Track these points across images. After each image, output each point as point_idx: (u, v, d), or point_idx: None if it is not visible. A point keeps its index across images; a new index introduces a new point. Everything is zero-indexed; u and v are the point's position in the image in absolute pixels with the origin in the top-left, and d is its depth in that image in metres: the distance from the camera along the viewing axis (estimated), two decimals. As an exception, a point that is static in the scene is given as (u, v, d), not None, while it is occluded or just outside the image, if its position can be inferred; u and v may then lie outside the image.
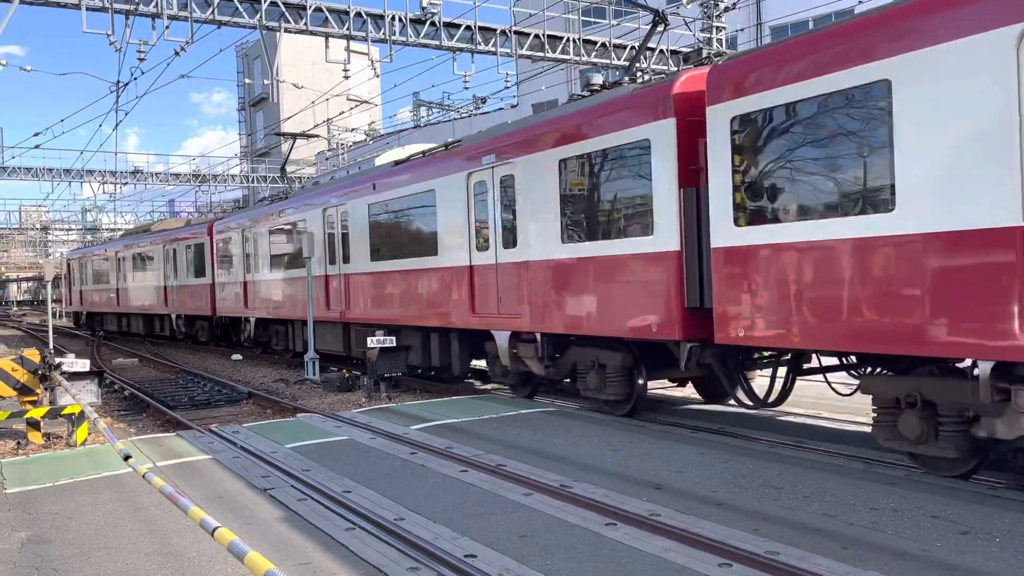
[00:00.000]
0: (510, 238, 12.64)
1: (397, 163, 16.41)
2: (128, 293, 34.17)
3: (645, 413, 11.84)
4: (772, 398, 9.94)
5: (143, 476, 6.65)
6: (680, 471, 8.08)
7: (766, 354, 10.22)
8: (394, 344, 15.23)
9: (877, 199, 7.49)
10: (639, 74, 22.27)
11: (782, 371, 10.04)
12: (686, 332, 9.79)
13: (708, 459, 8.51)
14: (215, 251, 25.43)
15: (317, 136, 27.68)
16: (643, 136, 10.20)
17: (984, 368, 6.83)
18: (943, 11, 6.92)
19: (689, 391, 13.87)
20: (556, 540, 6.18)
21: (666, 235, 9.92)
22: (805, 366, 10.05)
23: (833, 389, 9.40)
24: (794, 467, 8.04)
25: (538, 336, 12.37)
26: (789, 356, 9.83)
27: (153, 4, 17.62)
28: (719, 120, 8.97)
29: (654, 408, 12.63)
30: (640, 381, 11.48)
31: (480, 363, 15.90)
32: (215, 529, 4.70)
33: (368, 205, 16.89)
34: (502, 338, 13.12)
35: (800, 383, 10.33)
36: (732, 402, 11.10)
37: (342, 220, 17.94)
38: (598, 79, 12.57)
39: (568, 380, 12.72)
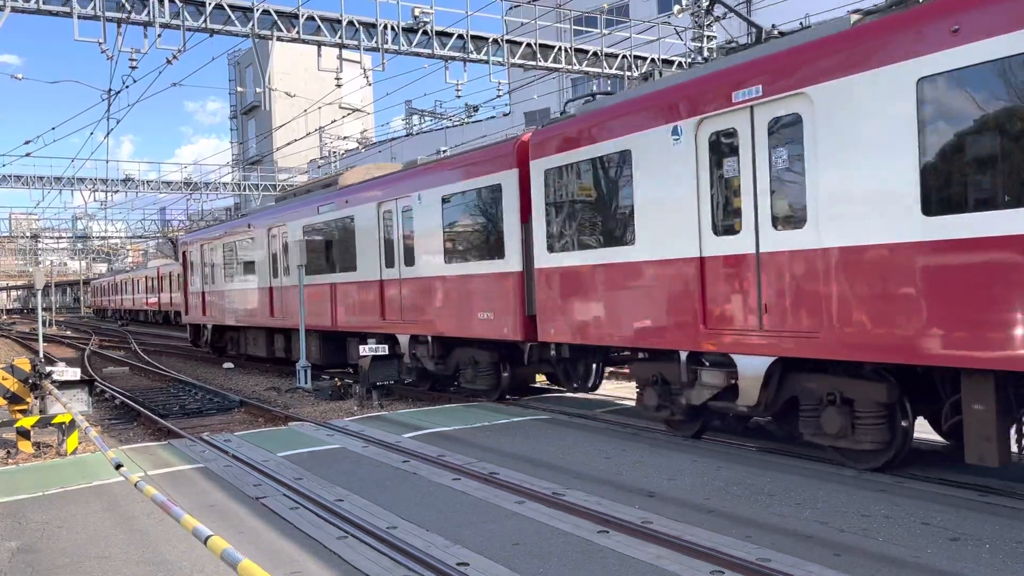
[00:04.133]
0: None
1: None
2: (292, 296, 19.54)
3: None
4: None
5: (135, 485, 6.63)
6: (672, 478, 8.10)
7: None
8: (386, 352, 15.22)
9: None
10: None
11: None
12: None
13: (700, 466, 8.54)
14: (543, 197, 11.66)
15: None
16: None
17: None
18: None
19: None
20: (549, 548, 6.18)
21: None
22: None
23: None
24: (786, 474, 8.07)
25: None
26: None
27: (145, 12, 17.63)
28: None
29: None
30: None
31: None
32: (208, 538, 4.69)
33: None
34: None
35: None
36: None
37: None
38: None
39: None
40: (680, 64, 23.26)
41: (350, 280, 17.26)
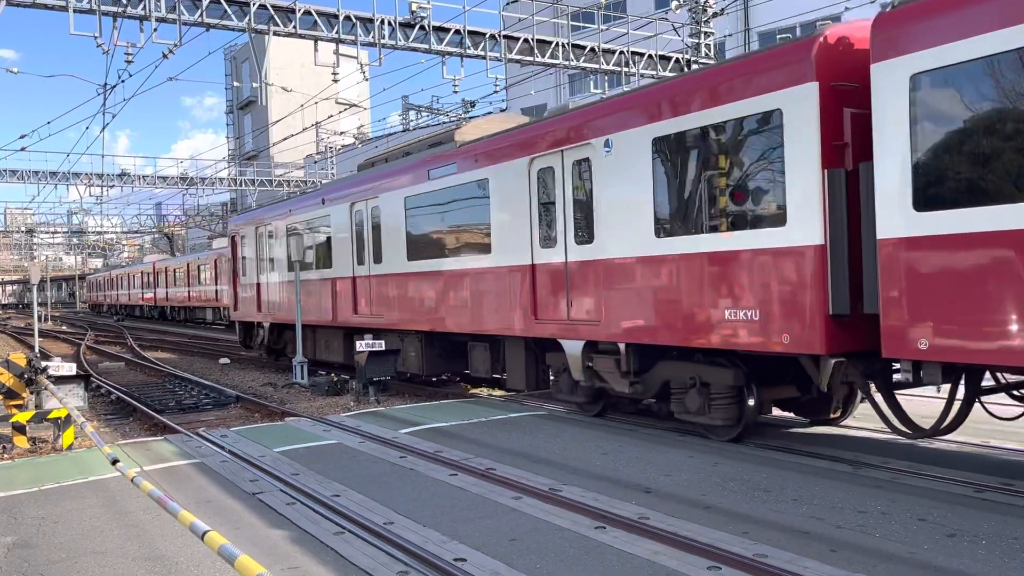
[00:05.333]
0: None
1: None
2: (387, 288, 15.84)
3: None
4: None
5: (131, 480, 6.62)
6: (669, 474, 8.10)
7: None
8: (383, 348, 15.19)
9: None
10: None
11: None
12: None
13: (697, 462, 8.54)
14: (906, 120, 7.24)
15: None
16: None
17: None
18: None
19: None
20: (545, 543, 6.19)
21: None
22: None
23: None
24: (782, 470, 8.08)
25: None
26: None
27: (141, 6, 17.55)
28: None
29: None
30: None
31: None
32: (205, 533, 4.68)
33: None
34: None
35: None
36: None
37: None
38: None
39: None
40: (679, 61, 23.25)
41: (479, 267, 13.04)
